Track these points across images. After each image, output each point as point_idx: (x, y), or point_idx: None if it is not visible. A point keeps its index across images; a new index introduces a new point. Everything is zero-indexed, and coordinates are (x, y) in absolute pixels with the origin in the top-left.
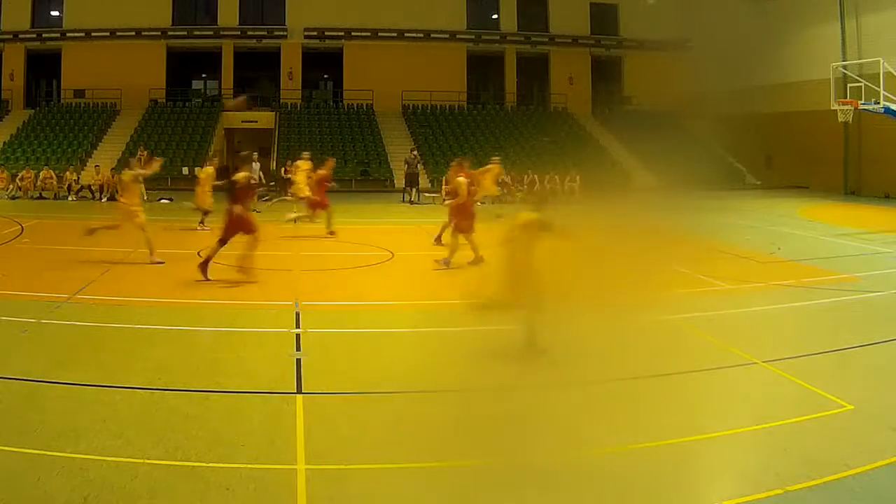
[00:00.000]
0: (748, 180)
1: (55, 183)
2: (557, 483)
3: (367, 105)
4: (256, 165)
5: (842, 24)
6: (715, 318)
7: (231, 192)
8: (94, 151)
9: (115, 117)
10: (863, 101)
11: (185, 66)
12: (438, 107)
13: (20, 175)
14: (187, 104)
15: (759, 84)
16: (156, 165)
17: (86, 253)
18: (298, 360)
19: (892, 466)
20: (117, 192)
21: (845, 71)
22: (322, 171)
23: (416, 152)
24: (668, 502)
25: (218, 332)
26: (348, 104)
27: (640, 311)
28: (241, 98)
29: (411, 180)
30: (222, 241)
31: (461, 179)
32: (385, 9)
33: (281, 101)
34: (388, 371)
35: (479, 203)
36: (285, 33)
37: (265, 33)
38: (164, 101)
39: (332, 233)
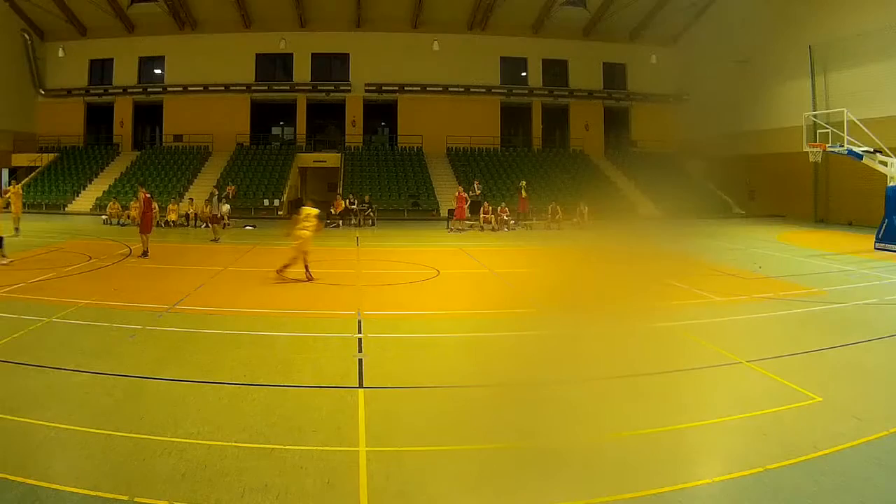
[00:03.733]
0: (734, 210)
1: (157, 212)
2: (577, 461)
3: (417, 148)
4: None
5: (812, 80)
6: (706, 325)
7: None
8: (191, 186)
9: (207, 158)
10: (830, 145)
11: (266, 116)
12: (477, 149)
13: (130, 206)
14: (268, 147)
15: (743, 130)
16: None
17: (183, 271)
18: (360, 360)
19: (854, 448)
20: (208, 221)
21: (815, 119)
22: None
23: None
24: (666, 478)
25: (293, 337)
26: (402, 147)
27: (643, 319)
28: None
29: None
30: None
31: None
32: (432, 68)
33: (346, 144)
34: (436, 369)
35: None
36: (349, 88)
37: (332, 88)
38: (248, 144)
39: None
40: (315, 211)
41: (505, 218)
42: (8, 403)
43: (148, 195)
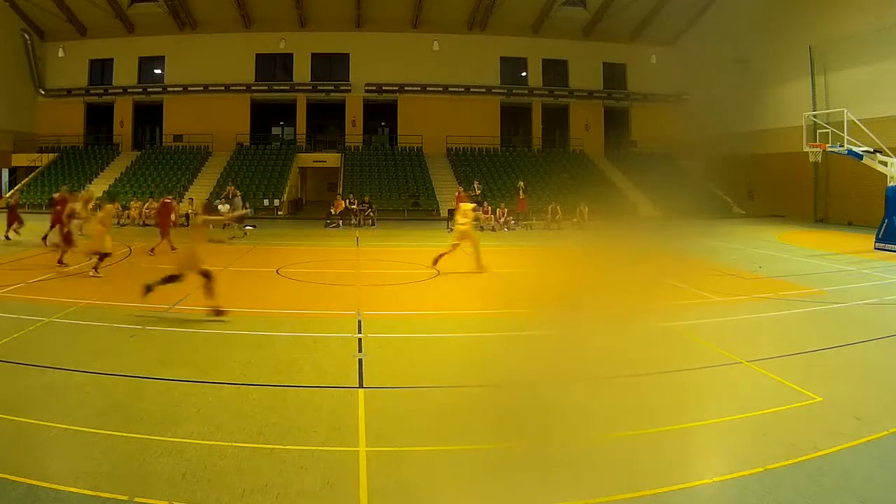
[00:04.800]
0: (734, 210)
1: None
2: (577, 461)
3: (417, 148)
4: None
5: (812, 80)
6: (707, 325)
7: None
8: (190, 186)
9: (207, 158)
10: (830, 145)
11: (266, 116)
12: (477, 149)
13: (130, 206)
14: (268, 147)
15: (743, 130)
16: None
17: None
18: (360, 360)
19: (854, 448)
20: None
21: (815, 119)
22: None
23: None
24: (668, 478)
25: (293, 337)
26: (402, 147)
27: (644, 319)
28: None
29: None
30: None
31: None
32: (432, 68)
33: (346, 144)
34: (436, 369)
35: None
36: (349, 88)
37: (332, 88)
38: (248, 144)
39: None
40: (471, 205)
41: (506, 216)
42: (8, 403)
43: (168, 199)
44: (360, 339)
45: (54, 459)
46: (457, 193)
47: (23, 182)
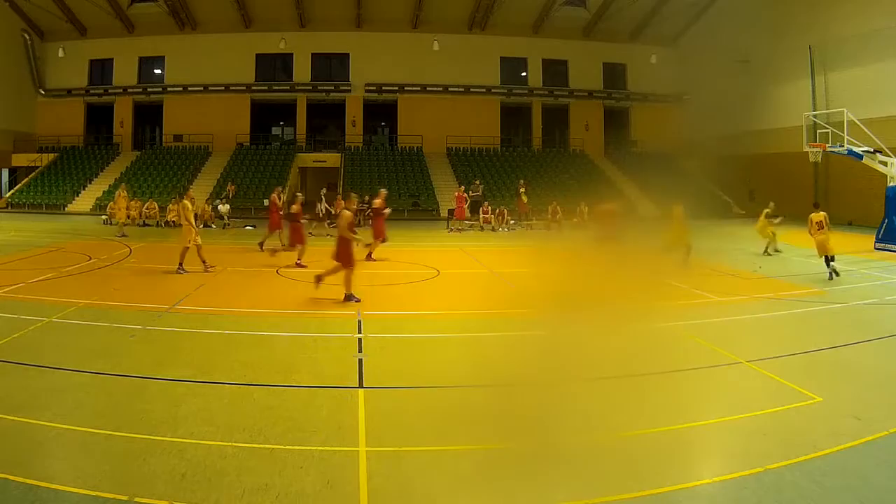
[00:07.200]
0: (734, 210)
1: (157, 213)
2: (577, 461)
3: (417, 148)
4: None
5: (812, 80)
6: (707, 325)
7: None
8: (191, 186)
9: (207, 158)
10: (830, 145)
11: (266, 116)
12: (477, 149)
13: (129, 207)
14: (268, 147)
15: (743, 130)
16: None
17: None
18: (360, 360)
19: (853, 448)
20: (208, 219)
21: (815, 119)
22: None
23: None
24: (668, 478)
25: (293, 337)
26: (402, 147)
27: (644, 319)
28: None
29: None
30: None
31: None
32: (432, 68)
33: (346, 144)
34: (436, 369)
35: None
36: (349, 88)
37: (332, 88)
38: (248, 144)
39: None
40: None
41: (506, 216)
42: (8, 403)
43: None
44: (360, 339)
45: (54, 459)
46: (456, 193)
47: (23, 182)
